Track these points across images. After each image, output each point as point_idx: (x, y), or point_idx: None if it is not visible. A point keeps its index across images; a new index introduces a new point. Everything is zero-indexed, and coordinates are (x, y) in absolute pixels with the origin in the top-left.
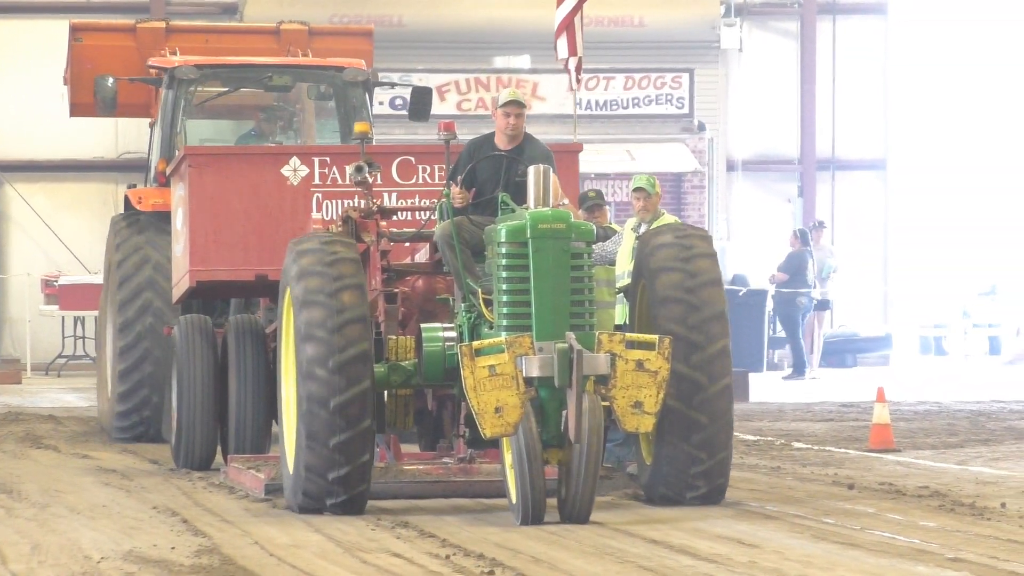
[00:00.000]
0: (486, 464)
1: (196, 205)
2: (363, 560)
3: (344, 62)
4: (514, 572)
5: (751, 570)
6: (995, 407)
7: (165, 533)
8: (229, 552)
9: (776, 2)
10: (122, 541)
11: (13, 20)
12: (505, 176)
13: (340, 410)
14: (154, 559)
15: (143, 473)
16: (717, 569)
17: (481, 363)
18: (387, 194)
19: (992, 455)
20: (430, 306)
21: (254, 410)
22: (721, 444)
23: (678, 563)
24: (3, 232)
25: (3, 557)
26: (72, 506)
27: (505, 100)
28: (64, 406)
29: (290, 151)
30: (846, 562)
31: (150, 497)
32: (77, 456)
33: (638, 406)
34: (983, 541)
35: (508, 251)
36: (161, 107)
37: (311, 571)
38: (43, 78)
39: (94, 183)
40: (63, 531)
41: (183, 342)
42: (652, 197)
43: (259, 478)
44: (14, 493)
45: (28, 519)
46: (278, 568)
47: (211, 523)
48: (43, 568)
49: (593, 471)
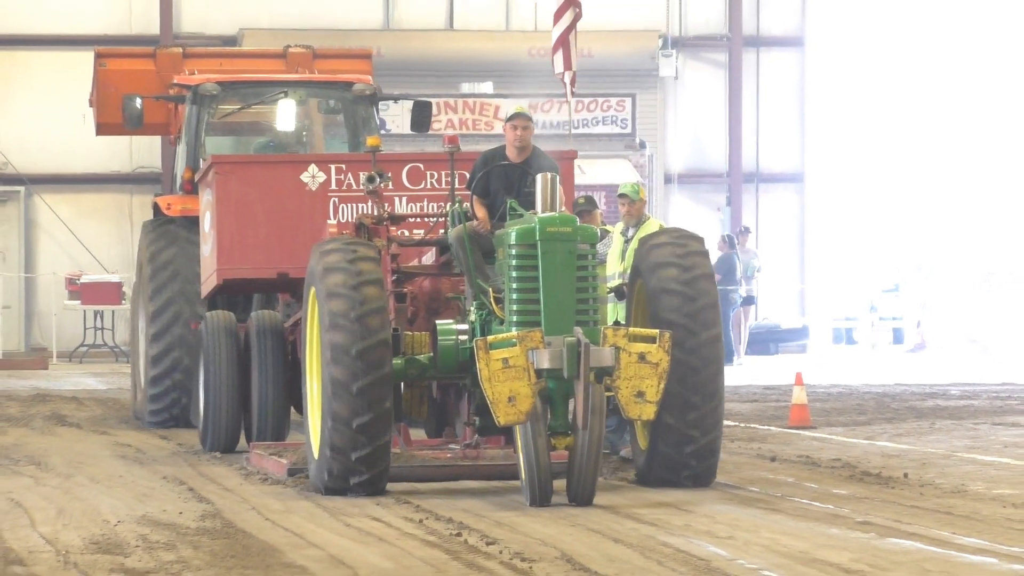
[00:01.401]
0: (490, 449)
1: (223, 209)
2: (346, 523)
3: (352, 78)
4: (479, 534)
5: (686, 532)
6: (898, 389)
7: (174, 500)
8: (230, 516)
9: (707, 36)
10: (136, 507)
11: (37, 52)
12: (516, 186)
13: (362, 393)
14: (164, 522)
15: (154, 448)
16: (657, 531)
17: (495, 356)
18: (398, 198)
19: (896, 431)
20: (435, 304)
21: (274, 398)
22: (712, 423)
23: (623, 526)
24: (32, 237)
25: (32, 520)
26: (92, 476)
27: (513, 114)
28: (86, 389)
29: (308, 159)
30: (769, 524)
31: (161, 468)
32: (97, 433)
33: (640, 395)
34: (888, 506)
35: (518, 252)
36: (185, 122)
37: (300, 532)
38: (64, 102)
39: (111, 194)
40: (84, 498)
41: (209, 336)
42: (636, 203)
43: (282, 463)
44: (41, 465)
45: (54, 487)
46: (272, 530)
47: (214, 491)
48: (67, 530)
49: (596, 456)
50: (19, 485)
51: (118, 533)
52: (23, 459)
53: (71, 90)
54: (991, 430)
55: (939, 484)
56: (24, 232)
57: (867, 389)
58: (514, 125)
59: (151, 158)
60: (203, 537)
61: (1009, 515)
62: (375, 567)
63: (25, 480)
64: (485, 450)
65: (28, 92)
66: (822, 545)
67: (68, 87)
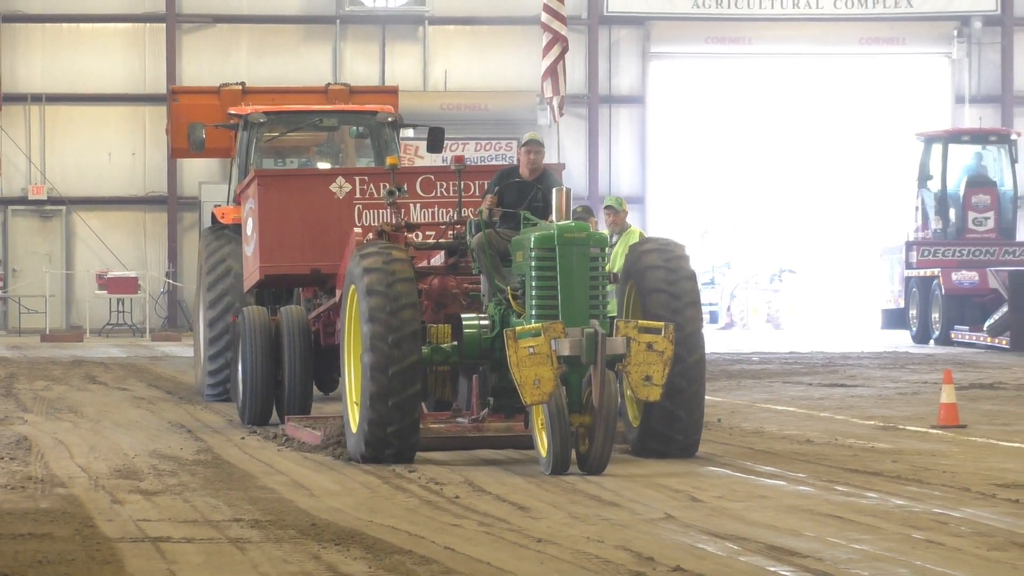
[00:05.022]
0: (494, 423)
1: (264, 215)
2: (305, 457)
3: (376, 107)
4: (417, 472)
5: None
6: (713, 357)
7: (176, 439)
8: (219, 452)
9: (573, 95)
10: (148, 444)
11: (75, 107)
12: (528, 200)
13: (396, 376)
14: (169, 456)
15: (162, 400)
16: (541, 477)
17: (523, 344)
18: (413, 204)
19: (711, 388)
20: (444, 300)
21: (301, 379)
22: (696, 404)
23: (531, 468)
24: (71, 244)
25: (71, 454)
26: (116, 421)
27: (526, 140)
28: (111, 356)
29: (336, 172)
30: (631, 460)
31: (167, 415)
32: (119, 389)
33: (648, 379)
34: (706, 444)
35: (538, 255)
36: (238, 146)
37: (271, 463)
38: (95, 144)
39: (129, 212)
40: (110, 437)
41: (246, 327)
42: (619, 214)
43: (316, 434)
44: (78, 412)
45: (87, 429)
46: (250, 462)
47: (207, 434)
48: (97, 461)
49: (611, 432)
50: (61, 428)
51: (135, 463)
52: (64, 408)
53: (100, 134)
54: (782, 387)
55: (743, 427)
56: (65, 240)
57: None
58: (528, 150)
59: (160, 185)
60: (198, 467)
61: (795, 449)
62: (325, 488)
63: (65, 424)
64: (489, 423)
65: (69, 137)
66: (655, 473)
67: (98, 132)
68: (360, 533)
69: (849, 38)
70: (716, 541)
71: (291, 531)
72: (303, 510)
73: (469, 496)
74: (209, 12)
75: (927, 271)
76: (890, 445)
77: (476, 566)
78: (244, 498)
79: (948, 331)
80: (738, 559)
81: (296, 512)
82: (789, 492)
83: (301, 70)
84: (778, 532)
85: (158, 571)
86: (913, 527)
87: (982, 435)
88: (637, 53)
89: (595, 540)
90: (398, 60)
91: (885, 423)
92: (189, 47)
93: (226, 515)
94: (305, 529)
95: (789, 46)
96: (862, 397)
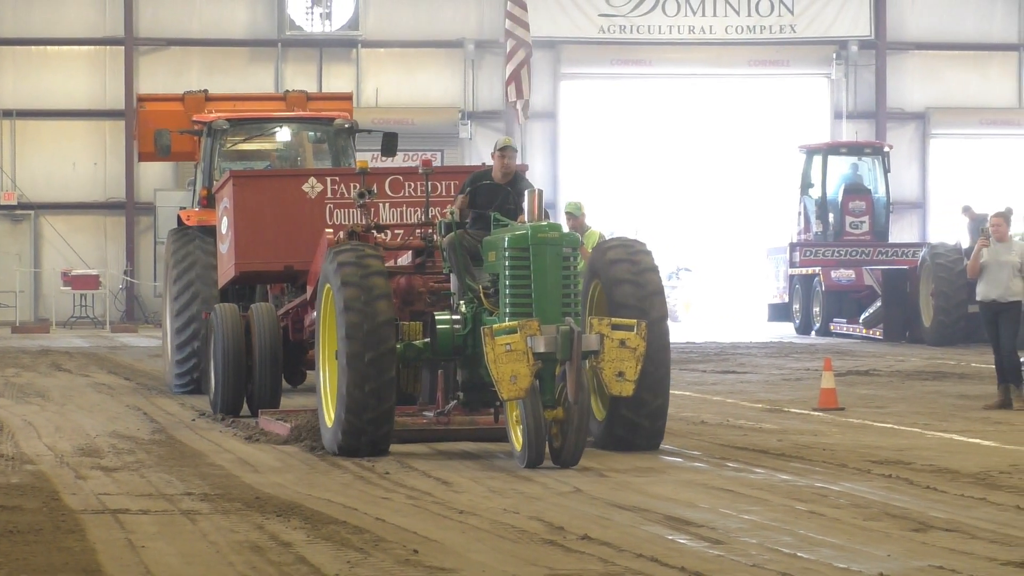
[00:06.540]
0: (459, 416)
1: (239, 214)
2: (248, 437)
3: (334, 115)
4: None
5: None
6: None
7: (134, 421)
8: (171, 432)
9: (491, 110)
10: (108, 425)
11: (42, 121)
12: (499, 202)
13: (372, 363)
14: (127, 436)
15: (120, 386)
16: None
17: (500, 341)
18: (382, 204)
19: None
20: (410, 297)
21: (271, 372)
22: (661, 389)
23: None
24: (40, 244)
25: (39, 434)
26: (79, 404)
27: (501, 146)
28: (75, 346)
29: (308, 173)
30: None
31: (125, 399)
32: (82, 376)
33: (621, 375)
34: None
35: (512, 254)
36: (202, 151)
37: (219, 443)
38: (60, 155)
39: (91, 216)
40: (74, 419)
41: (218, 323)
42: (579, 218)
43: (286, 426)
44: (45, 397)
45: (53, 412)
46: (200, 441)
47: (161, 416)
48: (62, 440)
49: (584, 427)
50: (30, 411)
51: (96, 443)
52: (32, 393)
53: (65, 146)
54: (679, 373)
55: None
56: (34, 241)
57: None
58: (502, 154)
59: (119, 192)
60: (153, 446)
61: (691, 430)
62: (268, 465)
63: (34, 407)
64: (454, 417)
65: (37, 148)
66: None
67: (64, 144)
68: (299, 505)
69: (739, 60)
70: (620, 512)
71: (237, 504)
72: (248, 485)
73: (398, 472)
74: (164, 36)
75: (809, 269)
76: (776, 426)
77: (404, 535)
78: (195, 474)
79: (828, 323)
80: (640, 528)
81: (242, 487)
82: (686, 468)
83: (247, 88)
84: (676, 504)
85: (117, 540)
86: (797, 499)
87: (858, 417)
88: (550, 73)
89: (511, 511)
90: (334, 79)
91: (772, 406)
92: (146, 67)
93: (178, 489)
94: (250, 502)
95: (686, 68)
96: (751, 383)
